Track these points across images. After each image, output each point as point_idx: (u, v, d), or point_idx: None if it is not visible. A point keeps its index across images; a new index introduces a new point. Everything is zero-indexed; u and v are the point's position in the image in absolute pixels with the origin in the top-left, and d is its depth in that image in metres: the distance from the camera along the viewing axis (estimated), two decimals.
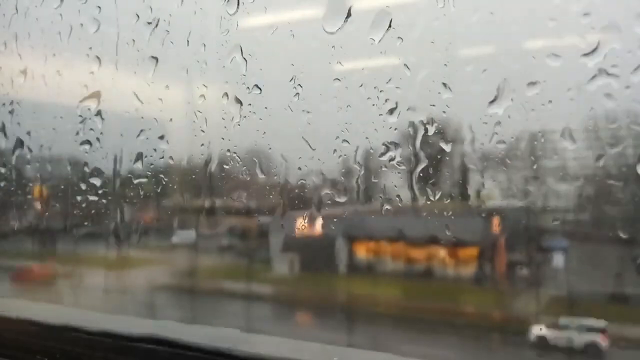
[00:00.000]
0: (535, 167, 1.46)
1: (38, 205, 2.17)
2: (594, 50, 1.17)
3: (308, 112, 1.57)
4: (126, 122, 1.91)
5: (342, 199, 1.68)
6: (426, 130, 1.48)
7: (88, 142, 1.92)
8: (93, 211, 1.96)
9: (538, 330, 3.42)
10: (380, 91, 1.48)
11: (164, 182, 1.89)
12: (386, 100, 1.47)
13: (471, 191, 1.58)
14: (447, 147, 1.48)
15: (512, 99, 1.34)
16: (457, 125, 1.45)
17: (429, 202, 1.57)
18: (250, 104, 1.64)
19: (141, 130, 1.83)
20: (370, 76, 1.52)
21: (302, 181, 1.68)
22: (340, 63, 1.51)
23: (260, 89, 1.61)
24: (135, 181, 1.89)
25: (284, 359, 1.25)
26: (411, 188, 1.55)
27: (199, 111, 1.77)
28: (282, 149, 1.68)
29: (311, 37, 1.54)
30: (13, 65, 2.00)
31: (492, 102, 1.35)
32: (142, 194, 1.91)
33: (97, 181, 1.92)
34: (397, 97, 1.47)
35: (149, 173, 1.88)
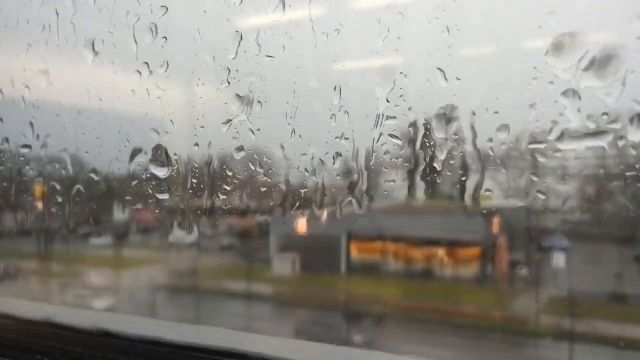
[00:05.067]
0: (535, 167, 1.46)
1: None
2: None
3: (308, 111, 1.57)
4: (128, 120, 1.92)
5: (342, 199, 1.68)
6: (426, 130, 1.48)
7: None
8: None
9: None
10: (380, 91, 1.48)
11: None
12: (386, 101, 1.47)
13: (471, 191, 1.58)
14: (447, 147, 1.48)
15: (512, 99, 1.34)
16: (458, 125, 1.45)
17: (429, 202, 1.57)
18: (250, 104, 1.64)
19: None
20: (370, 76, 1.52)
21: (302, 181, 1.68)
22: (339, 63, 1.51)
23: (261, 90, 1.62)
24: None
25: (284, 359, 1.25)
26: (411, 188, 1.55)
27: (200, 111, 1.77)
28: (281, 148, 1.68)
29: (311, 37, 1.54)
30: None
31: (492, 101, 1.35)
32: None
33: None
34: (397, 97, 1.47)
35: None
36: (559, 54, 1.23)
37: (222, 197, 1.82)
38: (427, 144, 1.49)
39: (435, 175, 1.53)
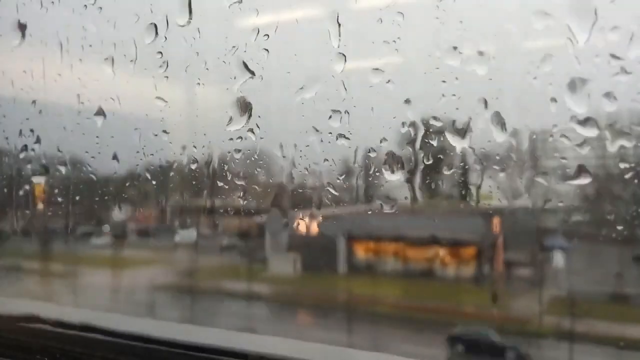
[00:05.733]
0: (535, 166, 1.46)
1: None
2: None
3: (307, 111, 1.57)
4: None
5: (342, 199, 1.68)
6: (426, 129, 1.48)
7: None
8: None
9: None
10: (381, 91, 1.48)
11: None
12: (386, 100, 1.47)
13: (471, 191, 1.58)
14: (447, 147, 1.48)
15: (511, 98, 1.34)
16: (458, 125, 1.45)
17: (429, 203, 1.57)
18: (250, 104, 1.65)
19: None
20: (370, 76, 1.52)
21: (303, 181, 1.68)
22: (339, 62, 1.51)
23: (261, 89, 1.62)
24: None
25: (284, 359, 1.25)
26: (411, 188, 1.55)
27: (199, 111, 1.77)
28: (282, 148, 1.68)
29: (312, 37, 1.54)
30: None
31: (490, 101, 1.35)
32: None
33: None
34: (396, 97, 1.47)
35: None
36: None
37: (222, 197, 1.82)
38: (427, 144, 1.49)
39: (434, 175, 1.53)
